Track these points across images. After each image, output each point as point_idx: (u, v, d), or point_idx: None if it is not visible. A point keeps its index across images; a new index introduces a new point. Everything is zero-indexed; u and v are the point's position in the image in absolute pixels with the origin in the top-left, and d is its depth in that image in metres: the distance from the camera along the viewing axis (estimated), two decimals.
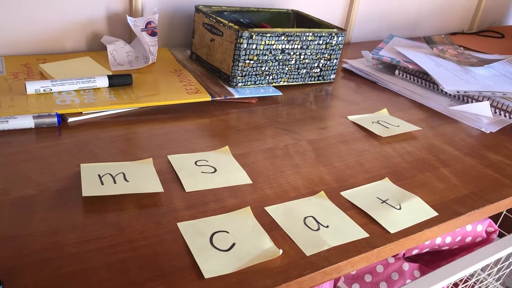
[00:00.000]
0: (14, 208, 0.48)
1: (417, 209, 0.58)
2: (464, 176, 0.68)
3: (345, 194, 0.59)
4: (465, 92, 0.92)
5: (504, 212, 0.97)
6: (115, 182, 0.54)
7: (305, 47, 0.89)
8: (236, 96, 0.82)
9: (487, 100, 0.90)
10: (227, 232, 0.49)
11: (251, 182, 0.59)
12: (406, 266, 0.75)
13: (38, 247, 0.44)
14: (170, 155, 0.62)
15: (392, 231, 0.53)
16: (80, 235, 0.46)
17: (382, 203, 0.58)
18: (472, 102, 0.92)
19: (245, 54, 0.82)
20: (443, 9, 1.54)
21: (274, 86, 0.89)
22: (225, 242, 0.48)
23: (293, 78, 0.92)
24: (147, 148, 0.63)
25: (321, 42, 0.91)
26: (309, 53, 0.90)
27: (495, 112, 0.90)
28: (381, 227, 0.53)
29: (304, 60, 0.91)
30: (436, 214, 0.57)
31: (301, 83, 0.94)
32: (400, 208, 0.57)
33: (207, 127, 0.72)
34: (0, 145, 0.59)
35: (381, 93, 0.97)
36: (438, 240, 0.77)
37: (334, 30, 0.92)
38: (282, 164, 0.64)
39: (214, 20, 0.86)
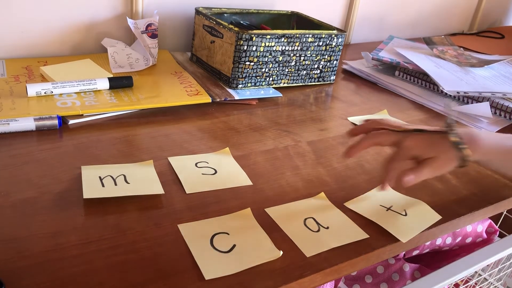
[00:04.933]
0: (15, 210, 0.49)
1: (422, 214, 0.57)
2: (464, 177, 0.68)
3: (348, 204, 0.57)
4: (465, 93, 0.93)
5: (505, 212, 0.97)
6: (116, 184, 0.54)
7: (305, 48, 0.89)
8: (236, 97, 0.82)
9: (487, 100, 0.90)
10: (228, 234, 0.49)
11: (251, 183, 0.59)
12: (406, 267, 0.75)
13: (39, 249, 0.44)
14: (171, 157, 0.62)
15: (404, 241, 0.52)
16: (81, 237, 0.46)
17: (387, 210, 0.57)
18: (472, 103, 0.92)
19: (245, 56, 0.83)
20: (442, 10, 1.54)
21: (274, 88, 0.90)
22: (225, 243, 0.48)
23: (293, 80, 0.92)
24: (148, 150, 0.64)
25: (321, 43, 0.91)
26: (309, 55, 0.91)
27: (495, 113, 0.90)
28: (381, 228, 0.53)
29: (304, 62, 0.91)
30: (439, 217, 0.57)
31: (301, 84, 0.94)
32: (406, 215, 0.56)
33: (207, 129, 0.72)
34: (1, 147, 0.60)
35: (381, 94, 0.97)
36: (439, 241, 0.77)
37: (334, 31, 0.92)
38: (282, 166, 0.64)
39: (214, 22, 0.86)
